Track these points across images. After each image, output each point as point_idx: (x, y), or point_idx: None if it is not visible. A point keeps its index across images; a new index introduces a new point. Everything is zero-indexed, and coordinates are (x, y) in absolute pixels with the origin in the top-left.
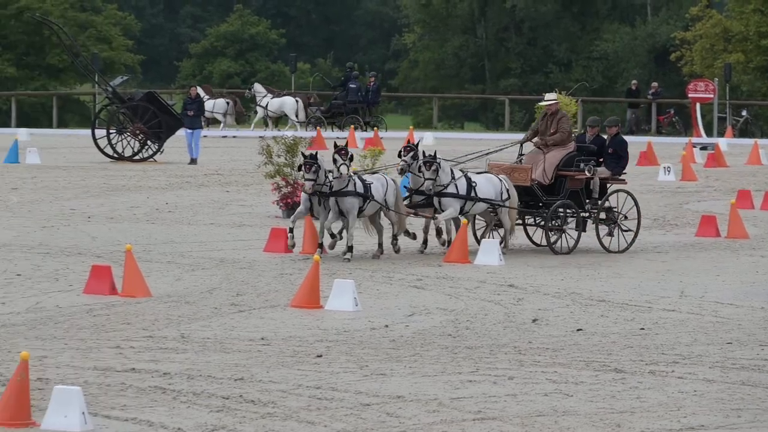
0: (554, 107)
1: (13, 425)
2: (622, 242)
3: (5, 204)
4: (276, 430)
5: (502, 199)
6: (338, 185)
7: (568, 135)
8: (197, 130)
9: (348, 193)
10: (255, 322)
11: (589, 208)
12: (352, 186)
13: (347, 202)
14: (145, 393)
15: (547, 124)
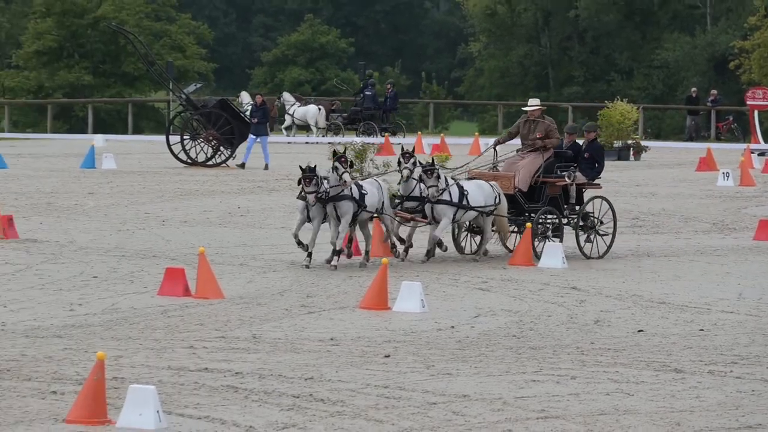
0: (537, 113)
1: (90, 423)
2: (600, 248)
3: (82, 208)
4: (345, 428)
5: (494, 204)
6: (335, 190)
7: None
8: (263, 137)
9: (344, 197)
10: (325, 323)
11: (567, 214)
12: (348, 191)
13: (344, 206)
14: (218, 392)
15: (529, 128)
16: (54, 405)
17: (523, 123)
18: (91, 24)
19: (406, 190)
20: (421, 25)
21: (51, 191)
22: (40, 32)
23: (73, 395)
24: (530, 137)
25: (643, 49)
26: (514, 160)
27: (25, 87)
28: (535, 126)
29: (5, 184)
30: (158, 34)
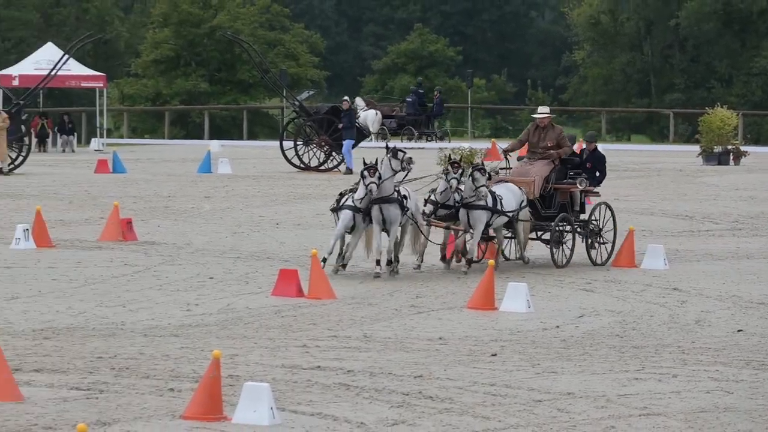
0: (547, 120)
1: (207, 419)
2: (603, 254)
3: (198, 211)
4: (453, 424)
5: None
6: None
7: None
8: (348, 141)
9: (392, 200)
10: (433, 323)
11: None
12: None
13: (392, 211)
14: (330, 389)
15: (539, 136)
16: (171, 402)
17: (533, 131)
18: (208, 33)
19: (444, 198)
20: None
21: (168, 195)
22: (158, 41)
23: (190, 392)
24: (540, 145)
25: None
26: (524, 166)
27: (144, 94)
28: (545, 134)
29: (125, 189)
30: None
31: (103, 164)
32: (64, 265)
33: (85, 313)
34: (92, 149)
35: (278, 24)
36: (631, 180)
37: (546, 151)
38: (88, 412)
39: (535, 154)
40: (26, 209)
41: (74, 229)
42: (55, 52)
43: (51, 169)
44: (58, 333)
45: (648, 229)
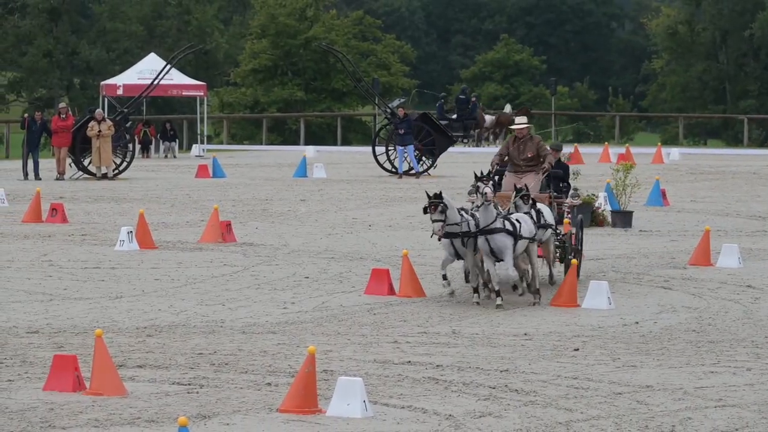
0: (525, 131)
1: (302, 412)
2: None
3: (294, 214)
4: (537, 416)
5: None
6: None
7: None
8: (409, 147)
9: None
10: (519, 320)
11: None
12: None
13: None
14: (420, 383)
15: (518, 148)
16: (269, 395)
17: (512, 143)
18: (303, 44)
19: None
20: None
21: (266, 198)
22: (256, 52)
23: (286, 386)
24: (521, 157)
25: None
26: (512, 180)
27: (242, 102)
28: (525, 146)
29: (224, 192)
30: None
31: (203, 169)
32: (166, 266)
33: (186, 311)
34: (193, 155)
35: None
36: (707, 182)
37: (527, 163)
38: (189, 406)
39: (519, 167)
40: (130, 212)
41: (176, 231)
42: (157, 63)
43: (154, 174)
44: (160, 330)
45: (723, 229)
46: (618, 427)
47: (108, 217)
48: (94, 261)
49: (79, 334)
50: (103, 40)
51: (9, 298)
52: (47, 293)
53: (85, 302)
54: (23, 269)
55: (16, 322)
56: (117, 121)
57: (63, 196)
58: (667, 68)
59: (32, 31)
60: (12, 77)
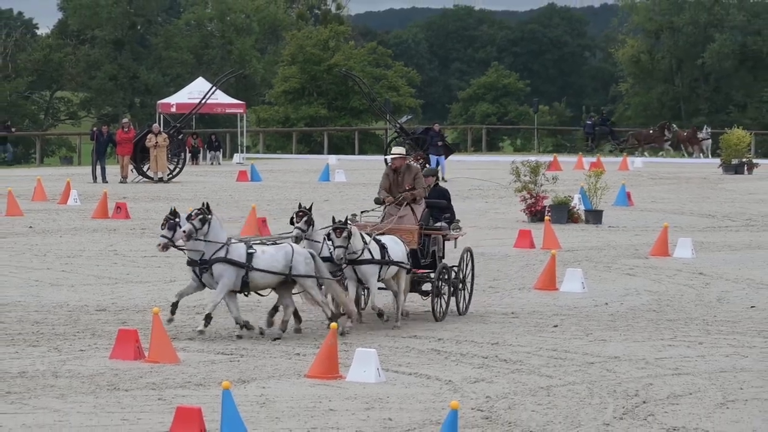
0: (401, 162)
1: (325, 378)
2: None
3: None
4: (523, 382)
5: (408, 261)
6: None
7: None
8: (441, 157)
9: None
10: (507, 301)
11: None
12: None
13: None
14: (424, 354)
15: (397, 180)
16: (297, 364)
17: (391, 173)
18: (326, 70)
19: (313, 250)
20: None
21: (295, 199)
22: (287, 76)
23: (312, 356)
24: (399, 189)
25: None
26: (393, 212)
27: (275, 118)
28: (403, 176)
29: (260, 193)
30: (378, 77)
31: (243, 174)
32: None
33: None
34: (234, 162)
35: (382, 62)
36: (665, 186)
37: (405, 196)
38: (231, 372)
39: (397, 199)
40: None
41: None
42: (204, 85)
43: (201, 178)
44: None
45: (679, 226)
46: (591, 391)
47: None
48: (152, 251)
49: (140, 312)
50: (159, 66)
51: (81, 282)
52: (113, 278)
53: (144, 285)
54: (93, 258)
55: (86, 302)
56: (171, 134)
57: (126, 196)
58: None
59: (100, 58)
60: (83, 97)
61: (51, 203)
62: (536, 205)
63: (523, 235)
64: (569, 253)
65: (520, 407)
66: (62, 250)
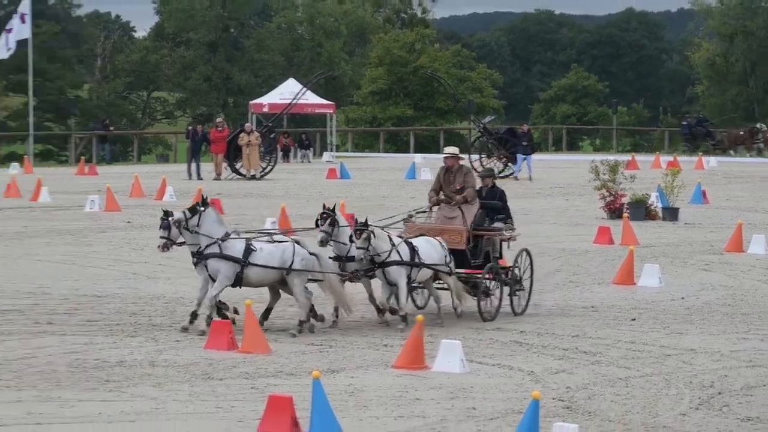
0: (453, 161)
1: (412, 368)
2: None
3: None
4: (602, 373)
5: (446, 263)
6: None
7: (476, 191)
8: (529, 156)
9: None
10: (587, 295)
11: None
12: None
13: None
14: (507, 346)
15: (449, 180)
16: (385, 355)
17: (443, 174)
18: (412, 71)
19: (340, 251)
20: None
21: (383, 195)
22: (374, 77)
23: (399, 347)
24: (450, 189)
25: None
26: (447, 212)
27: (363, 118)
28: (454, 176)
29: (349, 190)
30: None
31: (332, 172)
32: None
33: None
34: (324, 160)
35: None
36: (740, 185)
37: (458, 195)
38: (321, 362)
39: (450, 199)
40: (274, 206)
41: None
42: (295, 86)
43: (292, 175)
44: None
45: (752, 223)
46: (667, 382)
47: (256, 210)
48: None
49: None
50: (252, 68)
51: (177, 275)
52: None
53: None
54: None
55: (182, 294)
56: (263, 133)
57: (220, 192)
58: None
59: (195, 60)
60: (179, 97)
61: (148, 199)
62: (615, 202)
63: (603, 232)
64: (647, 249)
65: (600, 397)
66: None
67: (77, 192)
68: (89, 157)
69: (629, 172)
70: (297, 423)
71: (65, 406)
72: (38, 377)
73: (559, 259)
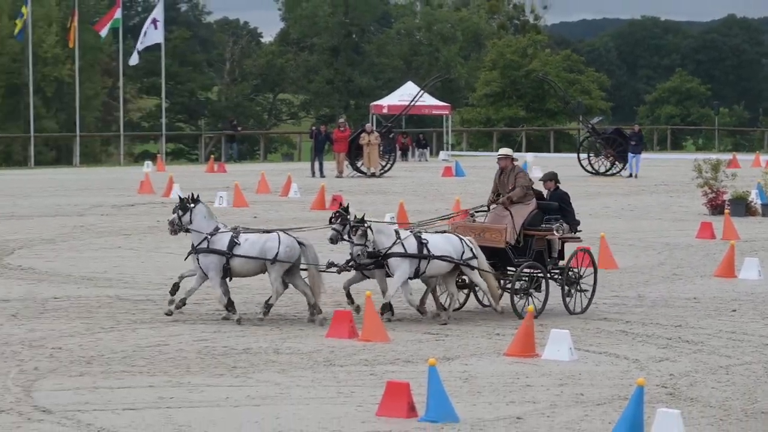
0: (507, 162)
1: (523, 356)
2: (580, 302)
3: None
4: (704, 361)
5: (463, 258)
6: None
7: (528, 190)
8: (638, 155)
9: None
10: (689, 287)
11: (550, 268)
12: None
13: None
14: (612, 335)
15: (504, 181)
16: (497, 343)
17: (499, 175)
18: (525, 75)
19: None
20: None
21: None
22: (488, 80)
23: (511, 336)
24: (505, 190)
25: None
26: (499, 212)
27: (478, 119)
28: (508, 177)
29: (464, 187)
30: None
31: (448, 170)
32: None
33: None
34: (440, 159)
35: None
36: None
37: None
38: (437, 350)
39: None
40: (392, 202)
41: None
42: (413, 89)
43: (410, 173)
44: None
45: None
46: (766, 370)
47: (376, 206)
48: None
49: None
50: (372, 71)
51: None
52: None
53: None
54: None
55: None
56: (382, 133)
57: (341, 189)
58: None
59: (318, 64)
60: (303, 99)
61: (273, 195)
62: (716, 199)
63: (705, 227)
64: (747, 243)
65: (701, 384)
66: None
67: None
68: (218, 155)
69: (730, 171)
70: (414, 407)
71: (194, 390)
72: (169, 363)
73: (663, 253)
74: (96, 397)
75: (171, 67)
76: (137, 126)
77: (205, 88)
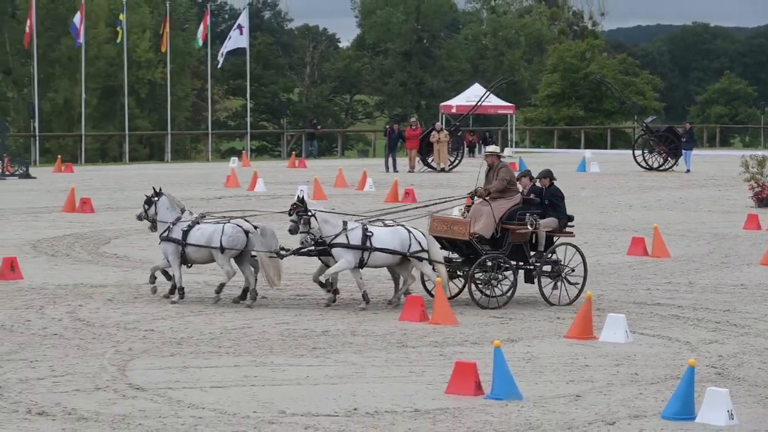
0: (493, 159)
1: (581, 338)
2: (566, 295)
3: (578, 197)
4: (750, 343)
5: (410, 252)
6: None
7: (508, 183)
8: (689, 152)
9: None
10: (737, 274)
11: (534, 261)
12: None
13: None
14: (666, 319)
15: (491, 177)
16: (558, 326)
17: (487, 171)
18: (583, 77)
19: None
20: None
21: None
22: (549, 82)
23: (570, 320)
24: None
25: None
26: (480, 206)
27: (539, 118)
28: (495, 174)
29: None
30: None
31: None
32: None
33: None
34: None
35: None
36: None
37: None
38: (502, 333)
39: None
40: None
41: None
42: (480, 90)
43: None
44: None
45: None
46: None
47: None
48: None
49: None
50: (442, 74)
51: None
52: None
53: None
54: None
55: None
56: (451, 131)
57: (413, 183)
58: None
59: (392, 67)
60: (378, 100)
61: (350, 189)
62: (762, 192)
63: (751, 219)
64: None
65: (748, 365)
66: None
67: (288, 183)
68: (299, 152)
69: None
70: (480, 386)
71: (277, 370)
72: (253, 345)
73: (712, 243)
74: (185, 375)
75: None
76: (224, 125)
77: (287, 89)
